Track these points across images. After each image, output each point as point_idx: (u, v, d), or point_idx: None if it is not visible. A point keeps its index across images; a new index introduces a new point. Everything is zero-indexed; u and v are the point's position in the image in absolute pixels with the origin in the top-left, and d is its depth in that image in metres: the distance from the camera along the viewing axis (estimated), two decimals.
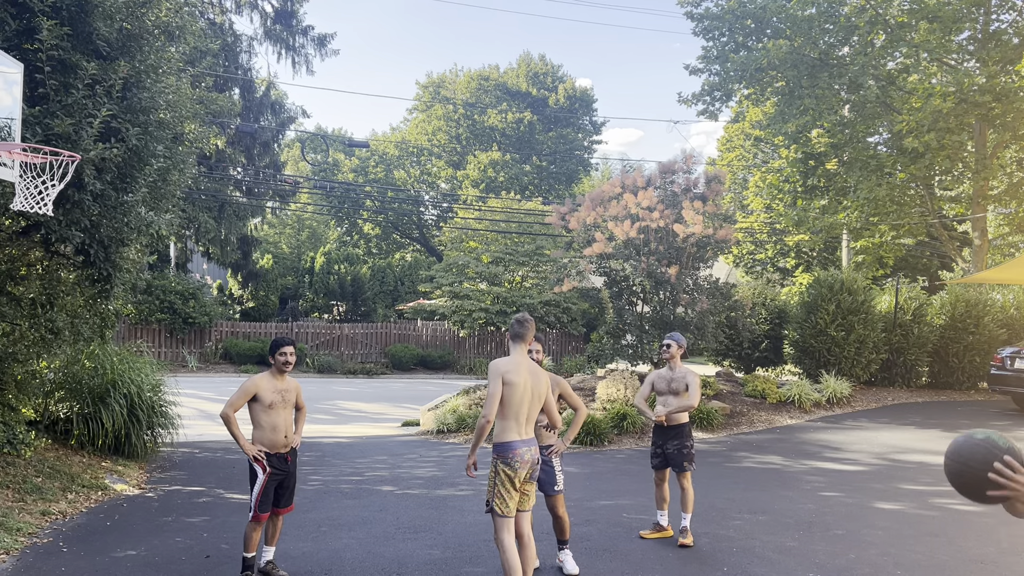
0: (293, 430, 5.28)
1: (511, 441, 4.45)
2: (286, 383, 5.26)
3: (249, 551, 5.02)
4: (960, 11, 17.07)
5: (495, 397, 4.40)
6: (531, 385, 4.53)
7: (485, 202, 33.16)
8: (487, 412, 4.39)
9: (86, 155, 6.01)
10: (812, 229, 20.66)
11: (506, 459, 4.43)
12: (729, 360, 17.74)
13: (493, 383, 4.43)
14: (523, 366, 4.53)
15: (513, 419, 4.48)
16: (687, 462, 6.11)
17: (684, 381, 6.16)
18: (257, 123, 25.38)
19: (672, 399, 6.20)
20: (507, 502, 4.43)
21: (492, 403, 4.40)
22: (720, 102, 20.50)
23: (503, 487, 4.43)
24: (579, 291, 15.59)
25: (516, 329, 4.65)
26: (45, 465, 7.54)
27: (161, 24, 7.34)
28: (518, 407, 4.47)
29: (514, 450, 4.43)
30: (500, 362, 4.50)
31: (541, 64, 45.68)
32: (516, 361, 4.53)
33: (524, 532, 4.65)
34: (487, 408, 4.39)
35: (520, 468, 4.45)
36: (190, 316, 23.01)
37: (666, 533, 6.24)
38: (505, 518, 4.43)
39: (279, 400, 5.14)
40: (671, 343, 6.30)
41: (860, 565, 5.54)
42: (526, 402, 4.51)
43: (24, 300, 7.22)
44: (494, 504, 4.44)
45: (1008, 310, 16.78)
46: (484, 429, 4.41)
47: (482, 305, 24.58)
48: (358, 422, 13.57)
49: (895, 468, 9.23)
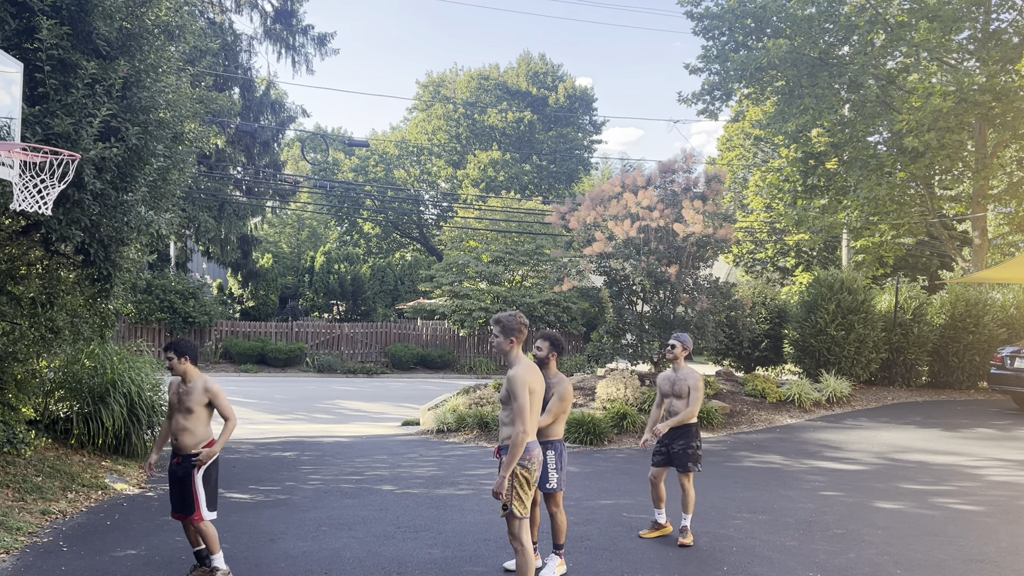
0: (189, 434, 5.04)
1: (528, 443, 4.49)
2: (189, 386, 5.09)
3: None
4: (960, 10, 17.06)
5: (528, 410, 4.38)
6: (541, 388, 4.58)
7: (485, 201, 33.16)
8: (525, 426, 4.35)
9: (86, 154, 6.01)
10: (812, 228, 20.65)
11: (524, 463, 4.45)
12: (729, 359, 17.74)
13: (523, 395, 4.38)
14: (536, 372, 4.55)
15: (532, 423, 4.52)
16: (692, 462, 6.08)
17: (686, 384, 6.13)
18: (257, 122, 25.37)
19: (676, 401, 6.17)
20: (525, 503, 4.47)
21: (527, 415, 4.37)
22: (720, 101, 20.49)
23: (521, 489, 4.45)
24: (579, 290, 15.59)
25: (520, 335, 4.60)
26: (45, 464, 7.54)
27: (161, 23, 7.34)
28: (535, 411, 4.51)
29: (530, 452, 4.48)
30: (523, 372, 4.43)
31: (541, 63, 45.66)
32: (531, 366, 4.55)
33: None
34: (523, 422, 4.34)
35: (536, 469, 4.52)
36: (190, 315, 23.01)
37: (665, 530, 6.22)
38: (523, 519, 4.48)
39: (175, 402, 5.14)
40: (675, 344, 6.26)
41: (860, 564, 5.54)
42: (539, 406, 4.57)
43: (24, 299, 7.22)
44: (513, 507, 4.44)
45: (1008, 309, 16.78)
46: (523, 444, 4.36)
47: (482, 304, 24.58)
48: (358, 421, 13.58)
49: (895, 467, 9.23)
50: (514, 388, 4.40)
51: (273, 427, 12.62)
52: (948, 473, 8.90)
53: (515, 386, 4.39)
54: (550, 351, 5.30)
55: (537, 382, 4.52)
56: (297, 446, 10.63)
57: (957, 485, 8.27)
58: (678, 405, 6.16)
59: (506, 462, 4.38)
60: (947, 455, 9.93)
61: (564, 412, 5.30)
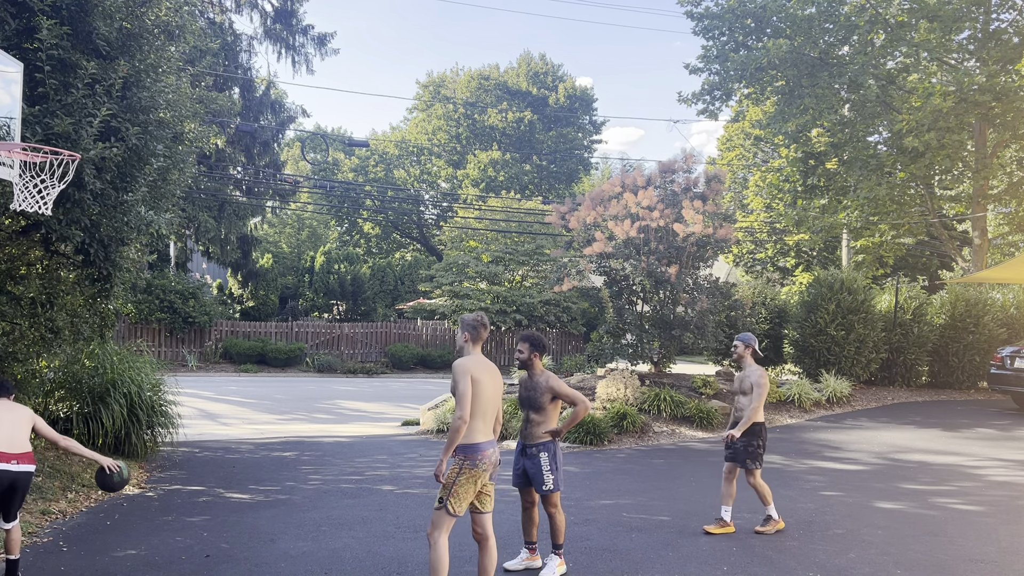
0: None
1: (480, 442, 4.41)
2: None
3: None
4: (960, 10, 17.06)
5: (468, 396, 4.34)
6: (494, 385, 4.50)
7: (485, 201, 33.15)
8: (463, 412, 4.31)
9: (86, 154, 6.01)
10: (812, 228, 20.65)
11: (474, 460, 4.39)
12: (729, 360, 17.73)
13: (463, 382, 4.35)
14: (487, 366, 4.51)
15: (481, 419, 4.44)
16: (750, 460, 6.32)
17: (749, 381, 6.37)
18: (257, 122, 25.37)
19: (741, 398, 6.46)
20: (463, 502, 4.39)
21: (466, 402, 4.33)
22: (720, 101, 20.48)
23: (463, 487, 4.38)
24: (579, 290, 15.55)
25: (475, 333, 4.58)
26: (45, 464, 7.54)
27: (161, 23, 7.34)
28: (486, 407, 4.44)
29: (482, 451, 4.41)
30: (466, 361, 4.46)
31: (541, 63, 45.64)
32: (480, 361, 4.49)
33: (487, 534, 4.55)
34: (462, 408, 4.32)
35: (486, 470, 4.44)
36: (190, 315, 23.01)
37: (728, 529, 6.32)
38: (453, 518, 4.39)
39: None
40: (738, 343, 6.57)
41: (860, 564, 5.54)
42: (492, 403, 4.48)
43: (24, 299, 7.22)
44: (448, 502, 4.36)
45: (1008, 309, 16.78)
46: (461, 430, 4.33)
47: (482, 304, 24.58)
48: (358, 421, 13.58)
49: (895, 467, 9.23)
50: (455, 375, 4.41)
51: (273, 427, 12.62)
52: (948, 473, 8.90)
53: (456, 373, 4.41)
54: (531, 352, 5.24)
55: (486, 374, 4.46)
56: (297, 446, 10.63)
57: (957, 485, 8.27)
58: (743, 402, 6.42)
59: (445, 447, 4.38)
60: (947, 455, 9.93)
61: (556, 409, 5.29)
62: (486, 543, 4.55)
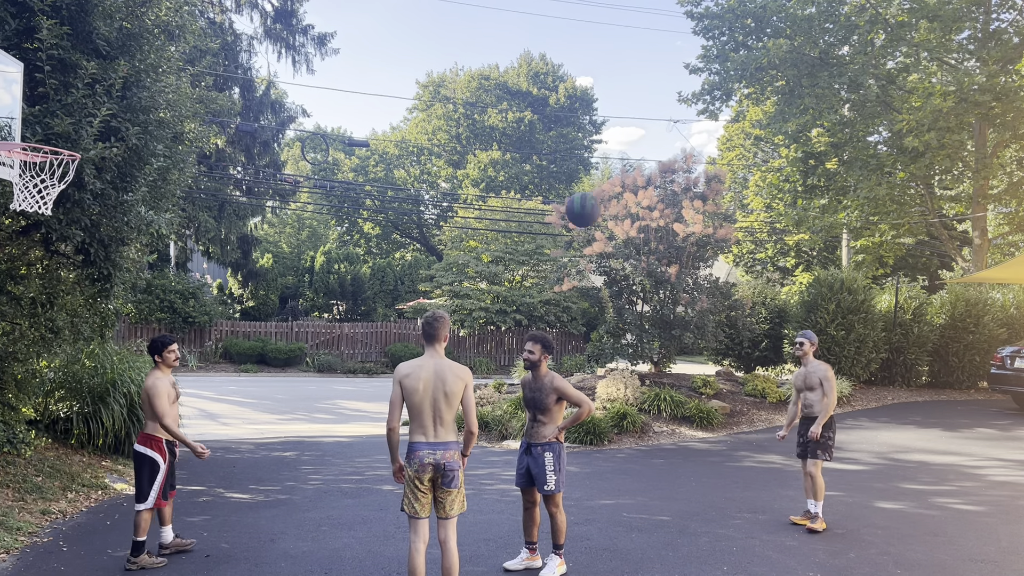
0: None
1: (415, 443, 4.47)
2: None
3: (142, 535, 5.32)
4: (960, 10, 17.06)
5: (392, 403, 4.45)
6: (434, 386, 4.43)
7: (485, 201, 33.15)
8: (387, 419, 4.47)
9: (86, 154, 6.01)
10: (812, 228, 20.65)
11: (410, 460, 4.46)
12: (729, 359, 17.74)
13: (393, 389, 4.48)
14: (426, 367, 4.46)
15: (417, 421, 4.47)
16: (821, 450, 6.56)
17: (816, 376, 6.54)
18: (257, 122, 25.36)
19: (809, 394, 6.61)
20: (412, 503, 4.44)
21: (391, 410, 4.45)
22: (720, 101, 20.48)
23: (408, 487, 4.46)
24: (579, 290, 15.59)
25: (427, 329, 4.57)
26: (45, 464, 7.54)
27: (161, 23, 7.34)
28: (419, 409, 4.44)
29: (415, 452, 4.44)
30: (401, 366, 4.52)
31: (541, 63, 45.65)
32: (418, 363, 4.48)
33: (443, 540, 4.48)
34: (388, 415, 4.46)
35: (422, 471, 4.41)
36: (190, 315, 23.01)
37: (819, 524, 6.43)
38: (414, 519, 4.44)
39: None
40: (803, 341, 6.72)
41: (860, 564, 5.54)
42: (428, 403, 4.44)
43: (24, 299, 7.21)
44: (403, 503, 4.50)
45: (1008, 309, 16.78)
46: (388, 437, 4.50)
47: (482, 304, 24.58)
48: (358, 421, 13.57)
49: (895, 467, 9.23)
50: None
51: (273, 427, 12.61)
52: (948, 473, 8.91)
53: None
54: (542, 353, 5.31)
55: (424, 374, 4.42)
56: (297, 446, 10.63)
57: (957, 485, 8.27)
58: (811, 397, 6.59)
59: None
60: (947, 455, 9.93)
61: (561, 410, 5.30)
62: (442, 549, 4.50)
